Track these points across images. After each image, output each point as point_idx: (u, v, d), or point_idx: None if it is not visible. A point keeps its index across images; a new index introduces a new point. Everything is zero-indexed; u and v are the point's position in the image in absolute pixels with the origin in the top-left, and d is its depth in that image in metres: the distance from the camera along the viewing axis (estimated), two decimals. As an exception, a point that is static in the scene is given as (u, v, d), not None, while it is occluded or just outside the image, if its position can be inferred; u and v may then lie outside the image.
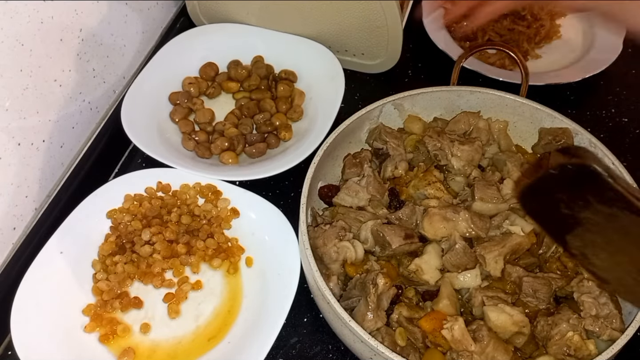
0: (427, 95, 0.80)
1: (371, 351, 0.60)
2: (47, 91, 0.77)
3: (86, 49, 0.83)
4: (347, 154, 0.79)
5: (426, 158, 0.77)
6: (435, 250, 0.68)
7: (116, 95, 0.92)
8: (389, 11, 0.86)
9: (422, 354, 0.63)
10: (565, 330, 0.62)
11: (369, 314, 0.63)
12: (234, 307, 0.72)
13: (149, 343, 0.69)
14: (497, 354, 0.61)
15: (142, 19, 0.95)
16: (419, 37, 1.01)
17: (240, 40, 0.94)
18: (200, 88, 0.91)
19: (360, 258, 0.69)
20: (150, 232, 0.75)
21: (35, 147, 0.77)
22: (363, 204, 0.73)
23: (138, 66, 0.96)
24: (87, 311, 0.70)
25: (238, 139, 0.84)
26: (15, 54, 0.70)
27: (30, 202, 0.78)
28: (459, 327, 0.61)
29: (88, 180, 0.83)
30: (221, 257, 0.75)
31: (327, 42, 0.93)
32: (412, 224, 0.70)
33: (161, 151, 0.80)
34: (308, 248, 0.66)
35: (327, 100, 0.87)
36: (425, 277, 0.66)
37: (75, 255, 0.73)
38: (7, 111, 0.71)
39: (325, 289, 0.63)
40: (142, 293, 0.73)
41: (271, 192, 0.83)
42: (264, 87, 0.91)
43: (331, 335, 0.69)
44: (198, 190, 0.79)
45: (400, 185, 0.75)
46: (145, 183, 0.79)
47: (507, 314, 0.63)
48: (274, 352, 0.69)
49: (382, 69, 0.95)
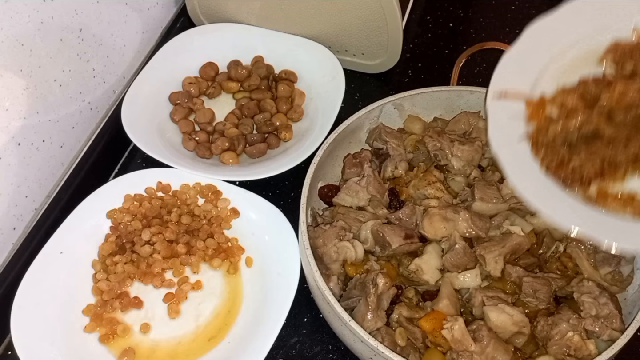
0: (427, 95, 0.80)
1: (371, 351, 0.60)
2: (47, 91, 0.77)
3: (86, 49, 0.83)
4: (347, 154, 0.79)
5: (426, 158, 0.77)
6: (435, 250, 0.68)
7: (116, 95, 0.92)
8: (389, 11, 0.86)
9: (422, 354, 0.63)
10: (565, 330, 0.62)
11: (369, 314, 0.63)
12: (234, 307, 0.72)
13: (149, 343, 0.69)
14: (497, 354, 0.61)
15: (142, 19, 0.95)
16: (419, 37, 1.01)
17: (240, 40, 0.94)
18: (201, 88, 0.91)
19: (360, 258, 0.69)
20: (150, 232, 0.75)
21: (35, 147, 0.77)
22: (363, 204, 0.73)
23: (138, 66, 0.96)
24: (87, 311, 0.70)
25: (238, 139, 0.84)
26: (15, 54, 0.70)
27: (30, 202, 0.78)
28: (459, 327, 0.61)
29: (88, 180, 0.83)
30: (221, 257, 0.75)
31: (327, 42, 0.93)
32: (412, 224, 0.70)
33: (161, 151, 0.80)
34: (308, 248, 0.66)
35: (328, 100, 0.87)
36: (425, 277, 0.66)
37: (75, 255, 0.73)
38: (7, 111, 0.71)
39: (325, 289, 0.63)
40: (142, 293, 0.73)
41: (271, 192, 0.83)
42: (264, 87, 0.91)
43: (331, 335, 0.69)
44: (198, 190, 0.79)
45: (400, 185, 0.75)
46: (145, 183, 0.79)
47: (507, 314, 0.63)
48: (274, 352, 0.69)
49: (382, 69, 0.95)
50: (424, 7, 1.06)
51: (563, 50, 0.66)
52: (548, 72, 0.66)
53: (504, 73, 0.66)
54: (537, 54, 0.66)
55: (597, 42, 0.66)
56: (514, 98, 0.65)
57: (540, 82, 0.65)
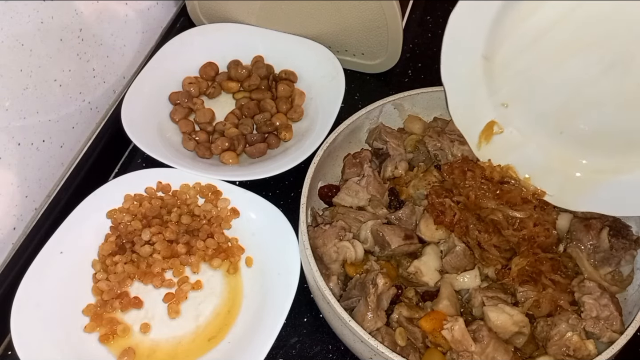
0: (427, 95, 0.80)
1: (371, 351, 0.60)
2: (47, 91, 0.77)
3: (86, 49, 0.83)
4: (347, 154, 0.79)
5: (426, 158, 0.77)
6: (434, 252, 0.68)
7: (116, 95, 0.92)
8: (389, 11, 0.86)
9: (422, 354, 0.63)
10: (564, 331, 0.62)
11: (368, 314, 0.63)
12: (234, 307, 0.72)
13: (149, 343, 0.69)
14: (497, 354, 0.61)
15: (142, 19, 0.95)
16: (419, 37, 1.01)
17: (240, 40, 0.94)
18: (201, 88, 0.91)
19: (360, 258, 0.69)
20: (150, 232, 0.75)
21: (35, 147, 0.77)
22: (363, 204, 0.73)
23: (138, 66, 0.96)
24: (87, 311, 0.70)
25: (238, 139, 0.84)
26: (15, 54, 0.70)
27: (30, 202, 0.78)
28: (459, 327, 0.61)
29: (88, 180, 0.83)
30: (221, 257, 0.75)
31: (327, 42, 0.93)
32: (411, 224, 0.70)
33: (161, 151, 0.80)
34: (308, 248, 0.66)
35: (328, 100, 0.87)
36: (425, 278, 0.66)
37: (75, 255, 0.73)
38: (7, 111, 0.71)
39: (325, 289, 0.63)
40: (142, 293, 0.73)
41: (271, 192, 0.83)
42: (264, 87, 0.91)
43: (331, 335, 0.69)
44: (198, 190, 0.79)
45: (400, 185, 0.75)
46: (145, 183, 0.79)
47: (507, 314, 0.63)
48: (274, 352, 0.69)
49: (382, 69, 0.95)
50: (424, 7, 1.06)
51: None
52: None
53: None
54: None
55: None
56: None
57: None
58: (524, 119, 0.71)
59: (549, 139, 0.71)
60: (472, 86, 0.70)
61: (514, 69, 0.68)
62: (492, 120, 0.72)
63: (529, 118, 0.71)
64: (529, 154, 0.72)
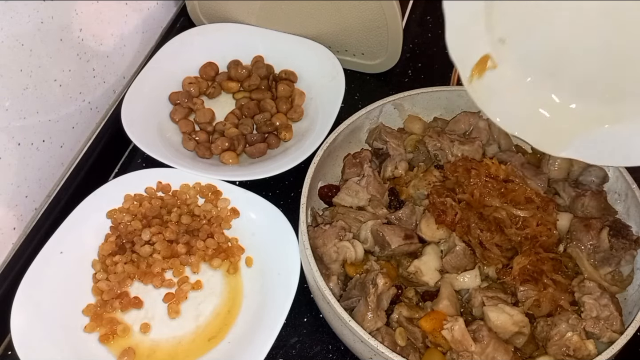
0: (427, 95, 0.80)
1: (371, 351, 0.60)
2: (47, 91, 0.77)
3: (86, 49, 0.83)
4: (347, 154, 0.79)
5: (426, 158, 0.77)
6: (434, 252, 0.68)
7: (116, 95, 0.92)
8: (389, 11, 0.86)
9: (422, 354, 0.63)
10: (564, 331, 0.62)
11: (368, 314, 0.63)
12: (234, 307, 0.72)
13: (149, 343, 0.69)
14: (497, 354, 0.61)
15: (142, 19, 0.95)
16: (419, 37, 1.01)
17: (240, 40, 0.94)
18: (201, 88, 0.91)
19: (360, 258, 0.69)
20: (150, 232, 0.75)
21: (35, 147, 0.77)
22: (363, 204, 0.73)
23: (138, 66, 0.96)
24: (87, 311, 0.70)
25: (238, 139, 0.84)
26: (15, 54, 0.70)
27: (30, 202, 0.78)
28: (459, 327, 0.61)
29: (88, 180, 0.83)
30: (221, 257, 0.75)
31: (327, 42, 0.93)
32: (411, 224, 0.70)
33: (161, 151, 0.80)
34: (308, 248, 0.66)
35: (328, 100, 0.87)
36: (425, 278, 0.66)
37: (75, 255, 0.73)
38: (7, 111, 0.71)
39: (325, 289, 0.63)
40: (142, 293, 0.73)
41: (271, 192, 0.83)
42: (264, 87, 0.91)
43: (331, 335, 0.69)
44: (198, 190, 0.79)
45: (400, 185, 0.75)
46: (145, 183, 0.79)
47: (507, 314, 0.63)
48: (274, 352, 0.69)
49: (382, 69, 0.95)
50: (424, 7, 1.06)
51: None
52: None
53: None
54: None
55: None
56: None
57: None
58: (518, 57, 0.70)
59: (541, 81, 0.71)
60: (471, 16, 0.70)
61: (514, 5, 0.68)
62: (487, 55, 0.71)
63: (523, 56, 0.70)
64: (517, 97, 0.72)
